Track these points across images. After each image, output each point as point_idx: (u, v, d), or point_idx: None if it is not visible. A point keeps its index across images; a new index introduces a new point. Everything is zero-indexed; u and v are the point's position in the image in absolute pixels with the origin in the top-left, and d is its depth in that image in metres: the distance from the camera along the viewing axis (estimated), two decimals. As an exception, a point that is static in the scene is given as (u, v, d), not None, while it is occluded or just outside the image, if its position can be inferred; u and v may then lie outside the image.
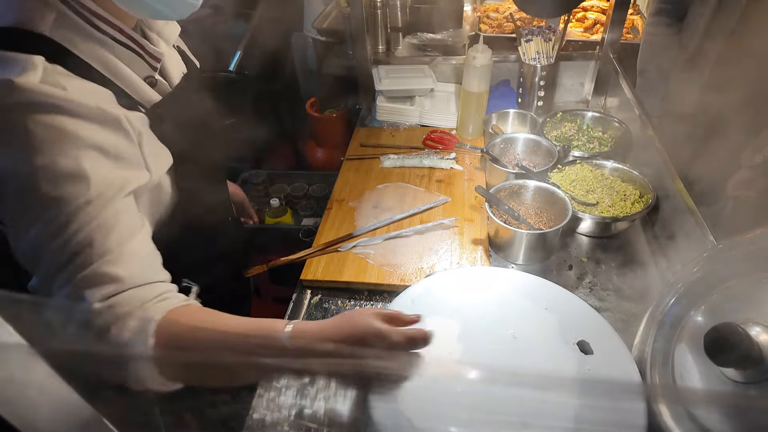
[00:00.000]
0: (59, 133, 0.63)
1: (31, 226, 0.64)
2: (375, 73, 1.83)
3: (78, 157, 0.65)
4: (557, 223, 1.18)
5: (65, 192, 0.64)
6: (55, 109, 0.63)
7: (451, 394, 0.71)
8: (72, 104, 0.64)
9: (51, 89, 0.63)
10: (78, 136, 0.65)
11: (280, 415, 0.90)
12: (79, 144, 0.65)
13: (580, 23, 2.09)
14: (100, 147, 0.68)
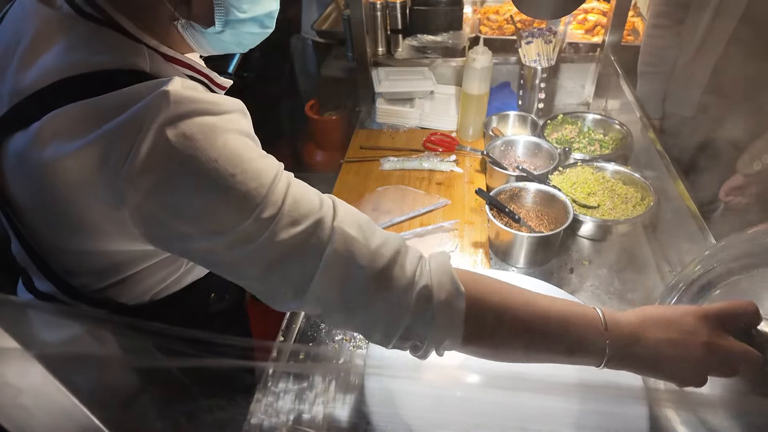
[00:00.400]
0: (215, 127, 0.55)
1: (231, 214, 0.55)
2: (374, 75, 1.83)
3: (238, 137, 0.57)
4: (558, 225, 1.17)
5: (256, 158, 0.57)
6: (206, 110, 0.56)
7: (451, 398, 0.70)
8: (214, 104, 0.57)
9: (196, 93, 0.56)
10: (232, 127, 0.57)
11: (278, 420, 0.89)
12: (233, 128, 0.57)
13: (580, 25, 2.09)
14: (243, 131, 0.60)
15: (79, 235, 0.61)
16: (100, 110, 0.53)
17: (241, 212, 0.54)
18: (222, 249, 0.56)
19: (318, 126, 2.50)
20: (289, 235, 0.55)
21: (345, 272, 0.57)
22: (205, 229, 0.55)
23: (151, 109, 0.52)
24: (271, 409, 0.91)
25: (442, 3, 1.96)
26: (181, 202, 0.54)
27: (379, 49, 1.99)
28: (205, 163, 0.53)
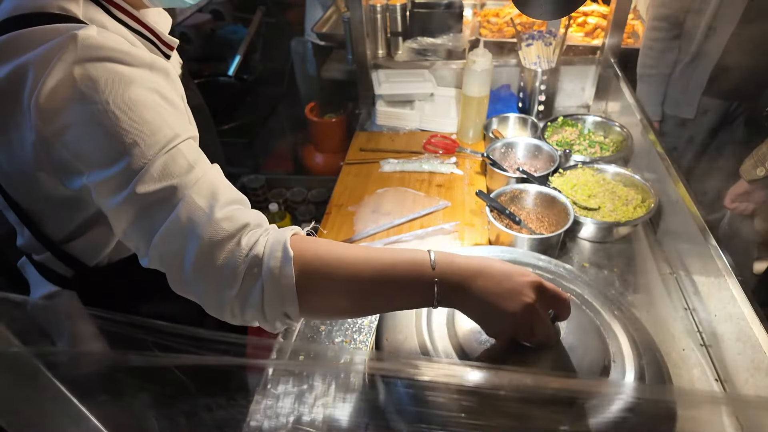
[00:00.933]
0: (121, 75, 0.61)
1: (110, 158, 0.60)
2: (375, 77, 1.83)
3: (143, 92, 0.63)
4: (558, 227, 1.17)
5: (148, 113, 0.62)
6: (118, 59, 0.62)
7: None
8: (129, 56, 0.63)
9: (110, 41, 0.62)
10: (143, 78, 0.64)
11: (277, 422, 0.89)
12: (143, 84, 0.63)
13: (580, 28, 2.10)
14: (157, 89, 0.66)
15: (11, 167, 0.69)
16: (22, 41, 0.61)
17: (115, 157, 0.59)
18: (101, 193, 0.62)
19: (318, 128, 2.50)
20: (146, 191, 0.59)
21: (182, 240, 0.60)
22: (88, 165, 0.61)
23: (61, 48, 0.59)
24: (270, 411, 0.90)
25: (442, 5, 1.96)
26: (72, 137, 0.60)
27: (379, 52, 1.99)
28: (98, 104, 0.59)
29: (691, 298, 1.09)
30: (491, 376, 0.69)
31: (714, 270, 0.98)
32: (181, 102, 0.75)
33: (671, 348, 1.00)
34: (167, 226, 0.60)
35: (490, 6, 2.39)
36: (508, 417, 0.62)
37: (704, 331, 1.02)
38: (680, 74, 1.76)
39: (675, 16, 1.69)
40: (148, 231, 0.61)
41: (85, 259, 0.83)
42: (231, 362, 0.56)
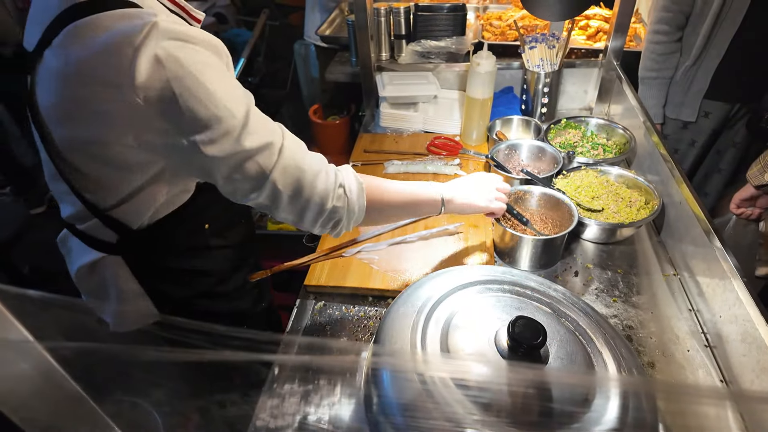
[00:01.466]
0: (196, 52, 0.73)
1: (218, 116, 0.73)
2: (378, 79, 1.84)
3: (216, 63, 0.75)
4: (562, 229, 1.17)
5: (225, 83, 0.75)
6: (186, 39, 0.72)
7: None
8: (192, 37, 0.73)
9: (177, 26, 0.72)
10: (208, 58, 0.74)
11: (283, 422, 0.89)
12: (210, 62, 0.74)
13: (582, 31, 2.10)
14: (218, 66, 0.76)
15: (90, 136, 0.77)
16: (103, 22, 0.70)
17: (213, 120, 0.73)
18: (201, 151, 0.74)
19: (321, 130, 2.51)
20: (252, 146, 0.76)
21: (294, 174, 0.80)
22: (186, 130, 0.73)
23: (143, 32, 0.68)
24: (276, 410, 0.90)
25: (446, 9, 1.97)
26: (169, 108, 0.71)
27: (382, 54, 2.01)
28: (186, 77, 0.70)
29: (695, 299, 1.09)
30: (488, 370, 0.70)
31: (719, 271, 0.99)
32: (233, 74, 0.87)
33: (676, 349, 1.00)
34: (279, 165, 0.79)
35: (492, 9, 2.40)
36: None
37: (709, 333, 1.02)
38: (681, 77, 1.77)
39: (677, 20, 1.70)
40: (259, 173, 0.78)
41: (129, 223, 0.91)
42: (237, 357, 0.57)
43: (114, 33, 0.69)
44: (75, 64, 0.71)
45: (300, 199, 0.83)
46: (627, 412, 0.71)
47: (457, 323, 0.82)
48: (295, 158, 0.81)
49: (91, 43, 0.70)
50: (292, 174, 0.80)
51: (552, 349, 0.77)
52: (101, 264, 0.97)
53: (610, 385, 0.74)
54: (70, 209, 0.93)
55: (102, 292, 1.00)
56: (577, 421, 0.69)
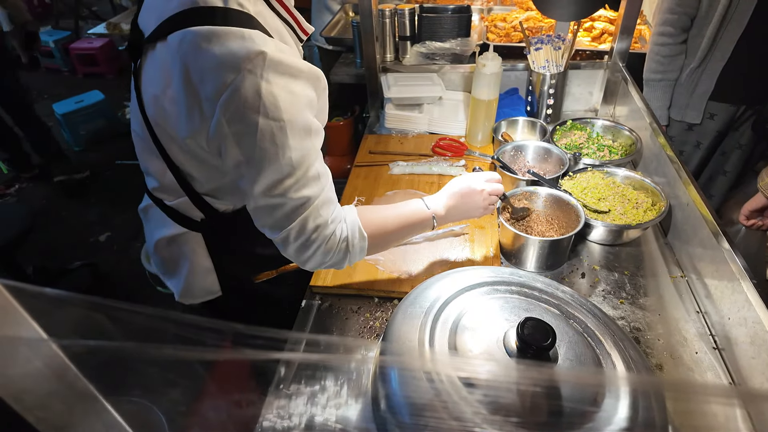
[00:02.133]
0: (294, 95, 0.79)
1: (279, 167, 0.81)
2: (383, 80, 1.84)
3: (305, 113, 0.82)
4: (568, 230, 1.17)
5: (302, 141, 0.82)
6: (290, 73, 0.78)
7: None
8: (296, 69, 0.79)
9: (284, 56, 0.77)
10: (302, 95, 0.81)
11: (290, 423, 0.88)
12: (303, 101, 0.81)
13: (587, 33, 2.10)
14: (311, 101, 0.84)
15: (177, 135, 0.86)
16: (219, 35, 0.74)
17: (278, 170, 0.81)
18: (247, 182, 0.83)
19: (326, 131, 2.50)
20: (292, 195, 0.83)
21: (308, 232, 0.87)
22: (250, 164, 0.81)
23: (251, 60, 0.74)
24: (283, 411, 0.90)
25: (450, 10, 1.97)
26: (246, 139, 0.78)
27: (387, 56, 2.01)
28: (278, 121, 0.77)
29: (703, 301, 1.09)
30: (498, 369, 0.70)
31: (727, 273, 0.98)
32: (325, 100, 0.94)
33: (684, 351, 1.00)
34: (299, 222, 0.86)
35: (497, 11, 2.40)
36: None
37: (717, 335, 1.02)
38: (686, 79, 1.76)
39: (682, 22, 1.70)
40: (281, 221, 0.86)
41: (217, 206, 1.01)
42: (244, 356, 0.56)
43: (225, 52, 0.74)
44: (182, 69, 0.77)
45: (306, 253, 0.90)
46: (637, 413, 0.71)
47: (465, 324, 0.82)
48: (317, 221, 0.87)
49: (203, 55, 0.75)
50: (307, 232, 0.87)
51: (561, 351, 0.76)
52: (182, 238, 1.06)
53: (620, 383, 0.74)
54: (157, 184, 1.01)
55: (175, 264, 1.09)
56: (587, 422, 0.69)
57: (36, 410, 0.36)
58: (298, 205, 0.85)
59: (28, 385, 0.35)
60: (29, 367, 0.35)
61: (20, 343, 0.35)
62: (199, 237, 1.06)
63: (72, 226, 3.12)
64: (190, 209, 1.01)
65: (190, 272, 1.08)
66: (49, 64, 5.25)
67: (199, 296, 1.13)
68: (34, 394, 0.36)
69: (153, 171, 1.00)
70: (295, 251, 0.90)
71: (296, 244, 0.88)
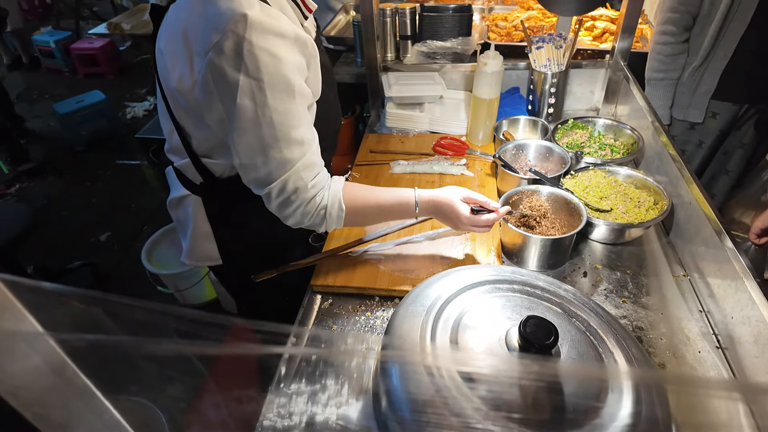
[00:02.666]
0: (276, 57, 0.83)
1: (259, 125, 0.86)
2: (384, 79, 1.83)
3: (288, 77, 0.85)
4: (570, 229, 1.17)
5: (285, 103, 0.86)
6: (274, 35, 0.82)
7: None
8: (282, 32, 0.83)
9: (269, 20, 0.81)
10: (287, 59, 0.85)
11: (290, 422, 0.88)
12: (288, 65, 0.85)
13: (588, 32, 2.10)
14: (299, 66, 0.88)
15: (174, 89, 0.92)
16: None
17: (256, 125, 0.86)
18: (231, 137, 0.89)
19: (326, 131, 2.50)
20: (272, 155, 0.89)
21: (287, 194, 0.94)
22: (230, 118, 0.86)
23: (234, 21, 0.79)
24: (283, 410, 0.90)
25: (451, 9, 1.97)
26: (228, 97, 0.84)
27: (388, 55, 2.00)
28: (257, 80, 0.82)
29: (705, 300, 1.08)
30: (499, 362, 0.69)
31: (731, 272, 0.98)
32: (317, 67, 0.96)
33: (687, 350, 0.99)
34: (280, 182, 0.91)
35: (497, 10, 2.40)
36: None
37: (720, 334, 1.01)
38: (689, 78, 1.76)
39: (684, 21, 1.69)
40: (264, 179, 0.92)
41: (213, 170, 1.05)
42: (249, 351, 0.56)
43: (214, 13, 0.80)
44: (183, 27, 0.85)
45: (285, 210, 0.97)
46: (640, 409, 0.70)
47: (466, 323, 0.82)
48: (297, 183, 0.93)
49: (196, 14, 0.83)
50: (287, 193, 0.93)
51: (563, 350, 0.76)
52: (186, 200, 1.13)
53: (622, 378, 0.74)
54: (169, 145, 1.09)
55: (183, 224, 1.17)
56: (590, 419, 0.69)
57: (34, 407, 0.35)
58: (279, 166, 0.90)
59: (26, 381, 0.35)
60: (27, 363, 0.35)
61: (18, 338, 0.34)
62: (200, 201, 1.11)
63: (72, 225, 3.12)
64: (191, 171, 1.07)
65: (193, 234, 1.15)
66: (50, 65, 5.26)
67: (201, 259, 1.19)
68: (32, 390, 0.35)
69: (165, 131, 1.07)
70: (276, 207, 0.97)
71: (277, 201, 0.95)
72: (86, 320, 0.42)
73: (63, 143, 3.98)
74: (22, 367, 0.34)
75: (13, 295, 0.33)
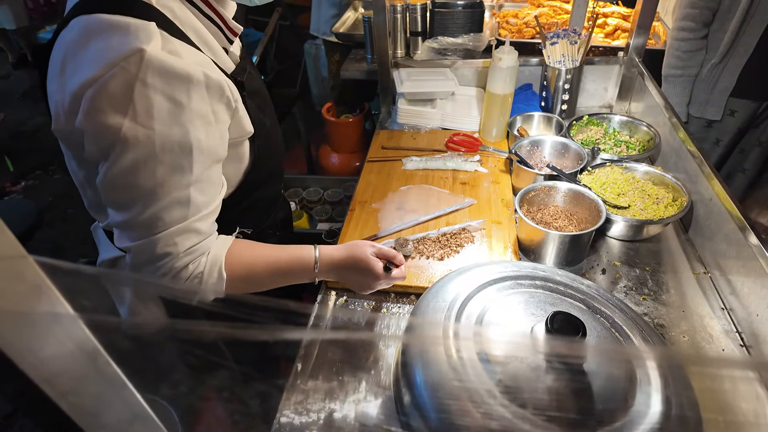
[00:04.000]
0: (176, 104, 0.69)
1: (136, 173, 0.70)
2: (396, 75, 1.82)
3: (187, 128, 0.71)
4: (588, 226, 1.15)
5: (175, 158, 0.72)
6: (177, 78, 0.69)
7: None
8: (187, 74, 0.69)
9: (172, 59, 0.68)
10: (190, 107, 0.71)
11: (308, 419, 0.86)
12: (190, 114, 0.71)
13: (600, 29, 2.08)
14: (205, 116, 0.74)
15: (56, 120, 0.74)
16: (104, 25, 0.68)
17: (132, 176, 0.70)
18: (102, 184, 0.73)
19: (335, 128, 2.49)
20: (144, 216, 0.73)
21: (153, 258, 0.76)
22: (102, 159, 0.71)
23: (126, 58, 0.65)
24: (300, 406, 0.88)
25: (463, 5, 1.95)
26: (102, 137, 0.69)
27: (398, 51, 1.99)
28: (148, 129, 0.68)
29: (727, 298, 1.06)
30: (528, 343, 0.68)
31: (755, 269, 0.96)
32: (243, 113, 0.85)
33: (710, 348, 0.98)
34: (146, 242, 0.74)
35: (508, 7, 2.38)
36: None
37: (744, 332, 0.99)
38: (707, 75, 1.74)
39: (703, 17, 1.67)
40: (130, 233, 0.75)
41: None
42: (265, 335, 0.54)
43: (103, 46, 0.67)
44: (62, 59, 0.70)
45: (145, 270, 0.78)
46: (670, 408, 0.69)
47: (490, 319, 0.80)
48: (166, 247, 0.75)
49: (82, 46, 0.68)
50: (153, 256, 0.76)
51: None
52: (121, 262, 0.96)
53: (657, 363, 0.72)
54: (86, 200, 0.92)
55: (118, 290, 0.99)
56: (619, 418, 0.67)
57: (69, 396, 0.34)
58: (147, 225, 0.73)
59: (61, 367, 0.33)
60: (63, 348, 0.33)
61: (54, 322, 0.33)
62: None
63: (78, 223, 3.10)
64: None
65: (134, 299, 0.98)
66: (56, 62, 5.26)
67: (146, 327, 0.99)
68: (67, 377, 0.34)
69: (78, 185, 0.90)
70: (133, 266, 0.78)
71: (137, 261, 0.77)
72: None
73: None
74: (58, 353, 0.33)
75: (49, 278, 0.32)
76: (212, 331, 0.43)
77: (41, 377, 0.31)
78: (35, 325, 0.31)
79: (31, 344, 0.30)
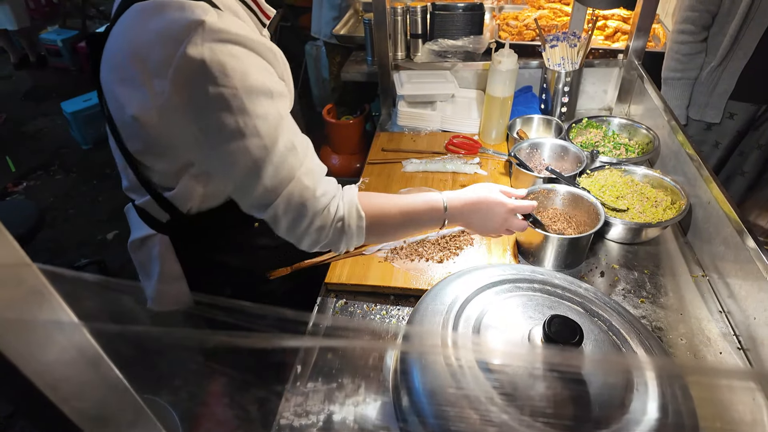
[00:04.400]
0: (243, 61, 0.74)
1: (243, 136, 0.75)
2: (396, 78, 1.83)
3: (261, 79, 0.76)
4: (586, 228, 1.15)
5: (264, 107, 0.76)
6: (235, 41, 0.73)
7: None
8: (243, 38, 0.74)
9: (228, 26, 0.73)
10: (256, 63, 0.76)
11: (307, 420, 0.87)
12: (257, 68, 0.76)
13: (600, 31, 2.08)
14: (267, 69, 0.79)
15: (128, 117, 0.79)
16: (158, 7, 0.73)
17: (241, 136, 0.74)
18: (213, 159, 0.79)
19: (335, 130, 2.50)
20: (269, 173, 0.78)
21: (295, 209, 0.81)
22: (210, 137, 0.75)
23: (189, 30, 0.70)
24: (300, 408, 0.89)
25: (463, 8, 1.95)
26: (200, 111, 0.73)
27: (398, 54, 1.99)
28: (228, 87, 0.72)
29: (725, 301, 1.07)
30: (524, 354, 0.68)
31: (753, 272, 0.96)
32: (285, 75, 0.88)
33: (707, 351, 0.98)
34: (284, 196, 0.80)
35: (508, 10, 2.39)
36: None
37: (741, 335, 1.00)
38: (706, 78, 1.74)
39: (703, 20, 1.68)
40: (266, 198, 0.80)
41: (179, 206, 0.93)
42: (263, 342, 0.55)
43: (164, 25, 0.72)
44: (130, 50, 0.75)
45: (297, 230, 0.84)
46: (666, 415, 0.69)
47: (488, 322, 0.80)
48: (303, 194, 0.81)
49: (144, 30, 0.73)
50: (294, 207, 0.81)
51: (587, 350, 0.75)
52: (151, 240, 1.01)
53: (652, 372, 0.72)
54: (127, 182, 0.96)
55: (147, 268, 1.05)
56: (617, 422, 0.67)
57: (72, 401, 0.34)
58: (276, 179, 0.78)
59: (64, 373, 0.34)
60: (65, 355, 0.34)
61: (56, 329, 0.33)
62: (167, 240, 1.00)
63: (80, 223, 3.12)
64: (155, 209, 0.95)
65: (159, 278, 1.02)
66: (57, 63, 5.27)
67: (170, 304, 1.06)
68: (70, 383, 0.34)
69: (120, 167, 0.95)
70: (286, 230, 0.84)
71: (286, 221, 0.83)
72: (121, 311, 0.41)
73: (70, 141, 3.99)
74: (60, 359, 0.33)
75: (52, 285, 0.32)
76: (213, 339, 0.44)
77: (45, 383, 0.32)
78: (38, 331, 0.31)
79: (35, 351, 0.31)
